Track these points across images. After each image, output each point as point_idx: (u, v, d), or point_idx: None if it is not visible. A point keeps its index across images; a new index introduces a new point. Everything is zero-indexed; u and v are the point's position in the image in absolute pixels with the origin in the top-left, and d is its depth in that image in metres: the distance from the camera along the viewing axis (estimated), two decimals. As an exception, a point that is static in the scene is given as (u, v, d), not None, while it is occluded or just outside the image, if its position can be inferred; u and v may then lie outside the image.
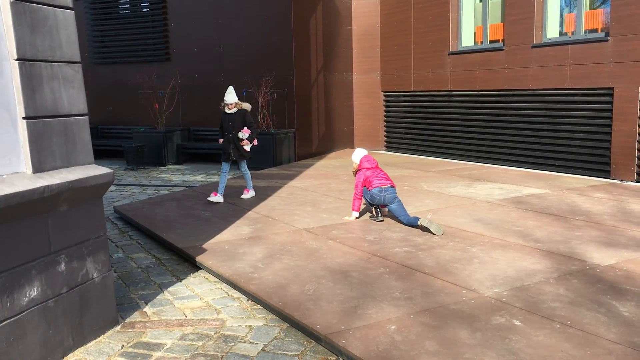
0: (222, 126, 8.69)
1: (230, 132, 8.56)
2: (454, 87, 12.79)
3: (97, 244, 4.15)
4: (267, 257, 5.74)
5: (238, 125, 8.55)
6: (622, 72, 9.71)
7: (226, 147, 8.63)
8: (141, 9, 15.32)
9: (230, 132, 8.56)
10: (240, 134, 8.56)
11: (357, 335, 3.94)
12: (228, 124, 8.58)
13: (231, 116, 8.56)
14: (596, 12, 10.49)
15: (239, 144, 8.58)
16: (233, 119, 8.55)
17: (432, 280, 5.01)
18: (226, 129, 8.60)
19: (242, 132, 8.56)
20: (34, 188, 3.50)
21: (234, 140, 8.57)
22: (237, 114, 8.56)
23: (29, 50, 3.65)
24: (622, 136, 9.79)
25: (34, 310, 3.60)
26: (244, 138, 8.55)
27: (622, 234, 6.35)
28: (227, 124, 8.59)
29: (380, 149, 14.97)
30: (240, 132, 8.55)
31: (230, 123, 8.55)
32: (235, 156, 8.66)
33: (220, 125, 8.76)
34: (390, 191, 6.98)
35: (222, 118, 8.69)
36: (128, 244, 6.74)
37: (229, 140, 8.59)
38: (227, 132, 8.59)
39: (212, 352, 3.92)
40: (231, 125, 8.55)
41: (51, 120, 3.81)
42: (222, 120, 8.70)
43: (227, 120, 8.59)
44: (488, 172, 10.97)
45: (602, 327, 3.99)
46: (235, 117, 8.55)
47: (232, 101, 8.51)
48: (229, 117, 8.57)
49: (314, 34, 13.67)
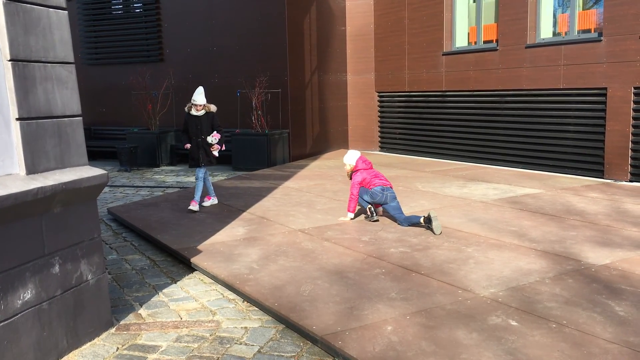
0: (188, 130, 8.10)
1: (199, 136, 8.03)
2: (448, 88, 12.80)
3: (91, 246, 4.12)
4: (262, 259, 5.72)
5: (206, 129, 8.05)
6: (615, 72, 9.74)
7: (195, 152, 8.07)
8: (134, 9, 15.27)
9: (198, 136, 8.03)
10: (210, 138, 8.04)
11: (353, 336, 3.93)
12: (195, 127, 8.04)
13: (199, 119, 8.04)
14: (589, 13, 10.53)
15: (208, 149, 8.07)
16: (201, 122, 8.04)
17: (428, 280, 5.01)
18: (193, 132, 8.04)
19: (212, 136, 8.06)
20: (27, 190, 3.47)
21: (203, 145, 8.04)
22: (205, 116, 8.04)
23: (22, 50, 3.62)
24: (616, 136, 9.83)
25: (28, 312, 3.56)
26: (214, 143, 8.08)
27: (616, 234, 6.37)
28: (194, 128, 8.04)
29: (374, 150, 14.98)
30: (209, 136, 8.04)
31: (197, 126, 8.03)
32: (205, 162, 8.07)
33: (185, 129, 8.18)
34: (391, 191, 7.01)
35: (187, 121, 8.10)
36: (122, 245, 6.70)
37: (198, 145, 8.04)
38: (195, 136, 8.03)
39: (208, 353, 3.90)
40: (199, 128, 8.03)
41: (45, 121, 3.78)
42: (187, 123, 8.11)
43: (194, 124, 8.04)
44: (482, 172, 10.99)
45: (598, 327, 4.00)
46: (203, 120, 8.04)
47: (202, 102, 7.97)
48: (196, 120, 8.04)
49: (308, 35, 13.66)
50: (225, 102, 13.50)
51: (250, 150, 12.56)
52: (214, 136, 8.05)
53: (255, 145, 12.54)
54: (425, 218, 6.57)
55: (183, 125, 8.24)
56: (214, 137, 8.05)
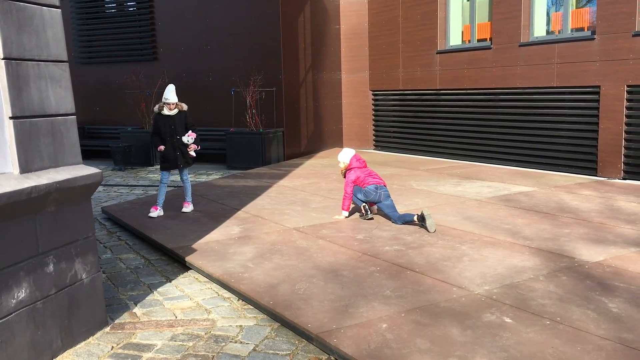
0: (160, 131, 7.67)
1: (174, 137, 7.65)
2: (442, 86, 12.83)
3: (85, 245, 4.11)
4: (257, 257, 5.72)
5: (180, 129, 7.67)
6: (608, 71, 9.79)
7: (170, 154, 7.67)
8: (128, 8, 15.21)
9: (173, 136, 7.64)
10: (185, 138, 7.67)
11: (348, 334, 3.94)
12: (169, 127, 7.63)
13: (172, 119, 7.63)
14: (582, 11, 10.57)
15: (185, 150, 7.72)
16: (174, 122, 7.63)
17: (422, 278, 5.02)
18: (166, 133, 7.64)
19: (188, 136, 7.68)
20: (21, 189, 3.46)
21: (178, 145, 7.67)
22: (178, 115, 7.66)
23: (15, 49, 3.60)
24: (609, 134, 9.88)
25: (22, 312, 3.55)
26: (190, 143, 7.71)
27: (610, 231, 6.40)
28: (167, 128, 7.63)
29: (369, 148, 14.99)
30: (185, 136, 7.67)
31: (172, 127, 7.63)
32: (182, 163, 7.75)
33: (156, 130, 7.74)
34: (385, 189, 7.02)
35: (158, 121, 7.67)
36: (116, 244, 6.69)
37: (174, 146, 7.66)
38: (169, 136, 7.64)
39: (203, 352, 3.90)
40: (173, 129, 7.63)
41: (38, 120, 3.77)
42: (158, 123, 7.67)
43: (167, 124, 7.63)
44: (476, 170, 11.02)
45: (592, 324, 4.02)
46: (177, 120, 7.66)
47: (175, 101, 7.58)
48: (169, 120, 7.63)
49: (303, 33, 13.65)
50: (219, 100, 13.53)
51: (245, 149, 12.55)
52: (189, 136, 7.68)
53: (249, 144, 12.53)
54: (418, 216, 6.59)
55: (153, 126, 7.81)
56: (189, 137, 7.68)
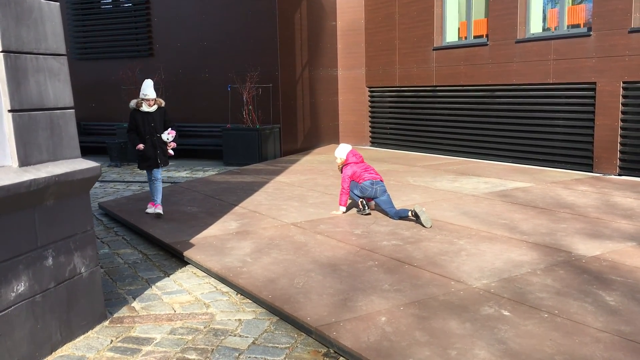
0: (137, 128, 7.29)
1: (154, 135, 7.30)
2: (439, 83, 12.84)
3: (84, 239, 4.10)
4: (255, 252, 5.72)
5: (160, 126, 7.35)
6: (604, 67, 9.82)
7: (151, 152, 7.30)
8: (123, 3, 15.16)
9: (153, 134, 7.29)
10: (165, 135, 7.37)
11: (347, 327, 3.95)
12: (148, 125, 7.28)
13: (151, 115, 7.28)
14: (579, 8, 10.59)
15: (165, 148, 7.41)
16: (154, 119, 7.29)
17: (420, 272, 5.04)
18: (146, 131, 7.28)
19: (168, 133, 7.39)
20: (20, 182, 3.45)
21: (159, 143, 7.34)
22: (157, 112, 7.33)
23: (14, 42, 3.59)
24: (605, 130, 9.91)
25: (21, 305, 3.55)
26: (170, 140, 7.42)
27: (606, 226, 6.44)
28: (146, 125, 7.28)
29: (365, 145, 15.00)
30: (164, 133, 7.37)
31: (151, 124, 7.28)
32: (162, 162, 7.40)
33: (133, 127, 7.32)
34: (381, 184, 7.02)
35: (135, 118, 7.27)
36: (114, 239, 6.68)
37: (154, 145, 7.30)
38: (149, 134, 7.28)
39: (203, 345, 3.90)
40: (153, 126, 7.29)
41: (37, 113, 3.76)
42: (135, 120, 7.27)
43: (146, 121, 7.27)
44: (473, 166, 11.05)
45: (589, 316, 4.04)
46: (156, 116, 7.32)
47: (154, 96, 7.24)
48: (148, 117, 7.28)
49: (299, 30, 13.64)
50: (216, 97, 13.51)
51: (241, 145, 12.54)
52: (169, 133, 7.39)
53: (246, 140, 12.52)
54: (412, 212, 6.60)
55: (130, 123, 7.36)
56: (169, 135, 7.39)
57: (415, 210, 6.52)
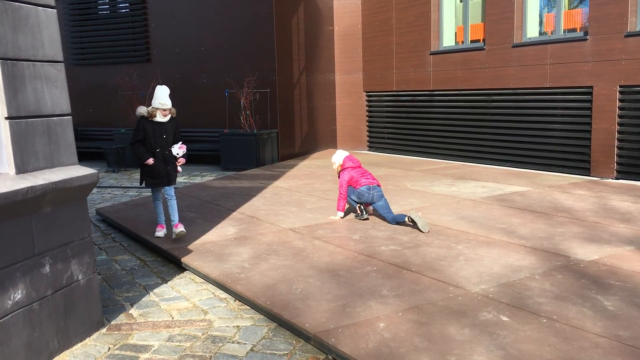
0: (146, 140, 6.34)
1: (165, 148, 6.40)
2: (436, 87, 12.86)
3: (81, 246, 4.09)
4: (253, 258, 5.71)
5: (171, 139, 6.45)
6: (601, 71, 9.85)
7: (161, 168, 6.37)
8: (121, 9, 15.17)
9: (165, 148, 6.39)
10: (176, 149, 6.47)
11: (346, 334, 3.94)
12: (160, 137, 6.34)
13: (164, 126, 6.36)
14: (575, 12, 10.63)
15: (175, 164, 6.52)
16: (166, 130, 6.38)
17: (419, 277, 5.03)
18: (157, 143, 6.34)
19: (178, 147, 6.47)
20: (17, 189, 3.44)
21: (170, 158, 6.45)
22: (170, 123, 6.41)
23: (11, 49, 3.59)
24: (602, 134, 9.94)
25: (18, 313, 3.53)
26: (180, 156, 6.53)
27: (604, 230, 6.44)
28: (157, 137, 6.33)
29: (362, 149, 15.00)
30: (175, 147, 6.46)
31: (164, 136, 6.36)
32: (173, 179, 6.51)
33: (140, 138, 6.34)
34: (378, 189, 7.02)
35: (145, 128, 6.31)
36: (111, 246, 6.66)
37: (166, 160, 6.40)
38: (161, 148, 6.36)
39: (201, 352, 3.89)
40: (165, 138, 6.38)
41: (34, 120, 3.75)
42: (145, 130, 6.31)
43: (158, 132, 6.33)
44: (470, 170, 11.06)
45: (588, 321, 4.04)
46: (168, 127, 6.40)
47: (171, 106, 6.33)
48: (161, 128, 6.35)
49: (296, 34, 13.66)
50: (213, 102, 13.50)
51: (239, 150, 12.53)
52: (180, 148, 6.49)
53: (243, 145, 12.51)
54: (409, 218, 6.60)
55: (137, 133, 6.35)
56: (180, 149, 6.48)
57: (411, 216, 6.52)
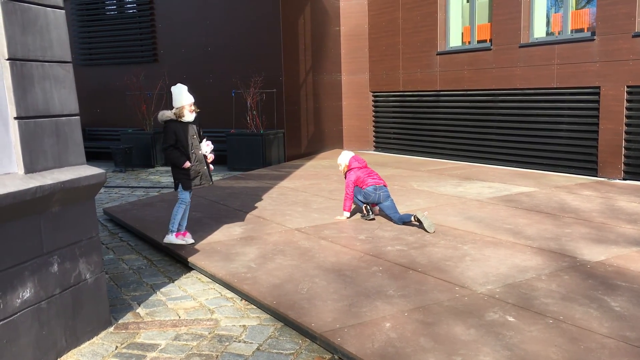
0: (178, 143, 6.04)
1: (198, 147, 6.18)
2: (442, 87, 12.85)
3: (89, 245, 4.12)
4: (260, 257, 5.73)
5: (198, 137, 6.24)
6: (608, 71, 9.81)
7: (199, 167, 6.17)
8: (128, 10, 15.24)
9: (197, 147, 6.17)
10: (204, 147, 6.26)
11: (352, 333, 3.95)
12: (191, 136, 6.12)
13: (191, 125, 6.15)
14: (582, 12, 10.59)
15: (207, 162, 6.29)
16: (194, 129, 6.18)
17: (425, 278, 5.03)
18: (191, 145, 6.12)
19: (206, 144, 6.28)
20: (26, 189, 3.47)
21: (204, 158, 6.26)
22: (195, 121, 6.21)
23: (20, 50, 3.62)
24: (609, 134, 9.90)
25: (27, 311, 3.56)
26: (208, 153, 6.32)
27: (611, 231, 6.42)
28: (188, 137, 6.10)
29: (369, 149, 15.00)
30: (202, 145, 6.26)
31: (193, 136, 6.14)
32: (211, 178, 6.37)
33: (173, 142, 6.03)
34: (384, 189, 7.02)
35: (176, 131, 6.03)
36: (119, 245, 6.70)
37: (200, 160, 6.18)
38: (195, 148, 6.15)
39: (207, 351, 3.91)
40: (195, 138, 6.16)
41: (43, 120, 3.78)
42: (176, 133, 6.02)
43: (187, 133, 6.10)
44: (477, 171, 11.04)
45: (595, 322, 4.03)
46: (195, 126, 6.21)
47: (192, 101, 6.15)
48: (190, 127, 6.13)
49: (303, 35, 13.67)
50: (220, 102, 13.52)
51: (246, 151, 12.56)
52: (207, 145, 6.31)
53: (250, 145, 12.54)
54: (415, 218, 6.60)
55: (169, 138, 6.05)
56: (207, 147, 6.30)
57: (418, 216, 6.52)
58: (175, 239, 6.25)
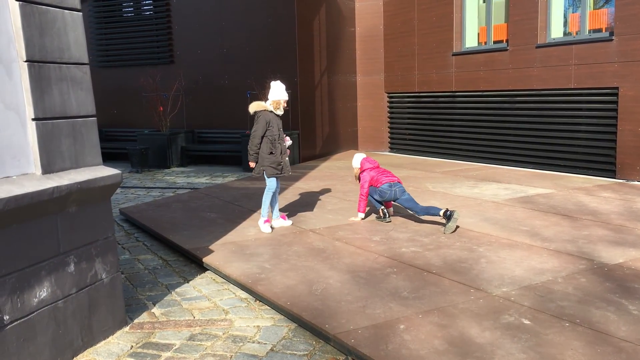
0: (268, 132, 6.59)
1: (282, 139, 6.72)
2: (458, 88, 12.78)
3: (105, 245, 4.15)
4: (274, 258, 5.74)
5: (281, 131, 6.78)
6: (627, 72, 9.69)
7: (281, 160, 6.72)
8: (144, 11, 15.37)
9: (282, 139, 6.72)
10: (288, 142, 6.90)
11: (366, 335, 3.94)
12: (278, 129, 6.65)
13: (279, 119, 6.71)
14: (600, 12, 10.47)
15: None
16: (280, 123, 6.72)
17: (440, 279, 5.00)
18: (278, 136, 6.65)
19: (287, 139, 6.87)
20: (43, 189, 3.51)
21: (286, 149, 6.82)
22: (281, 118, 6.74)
23: (38, 51, 3.66)
24: (628, 136, 9.77)
25: (43, 311, 3.60)
26: (287, 146, 6.90)
27: (629, 233, 6.33)
28: (277, 131, 6.63)
29: (384, 150, 14.97)
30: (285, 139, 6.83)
31: (279, 129, 6.68)
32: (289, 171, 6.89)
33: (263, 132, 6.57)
34: (399, 185, 6.98)
35: (270, 122, 6.58)
36: (134, 245, 6.75)
37: (282, 151, 6.72)
38: (280, 139, 6.67)
39: (221, 352, 3.92)
40: (281, 130, 6.71)
41: (60, 121, 3.82)
42: (269, 124, 6.57)
43: (277, 125, 6.64)
44: (493, 172, 10.96)
45: (612, 325, 3.98)
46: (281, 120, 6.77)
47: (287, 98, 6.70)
48: (279, 121, 6.70)
49: (318, 36, 13.68)
50: (235, 103, 13.58)
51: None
52: (287, 139, 6.89)
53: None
54: (445, 213, 6.51)
55: (261, 127, 6.55)
56: (288, 141, 6.88)
57: (452, 213, 6.43)
58: (263, 225, 6.79)
